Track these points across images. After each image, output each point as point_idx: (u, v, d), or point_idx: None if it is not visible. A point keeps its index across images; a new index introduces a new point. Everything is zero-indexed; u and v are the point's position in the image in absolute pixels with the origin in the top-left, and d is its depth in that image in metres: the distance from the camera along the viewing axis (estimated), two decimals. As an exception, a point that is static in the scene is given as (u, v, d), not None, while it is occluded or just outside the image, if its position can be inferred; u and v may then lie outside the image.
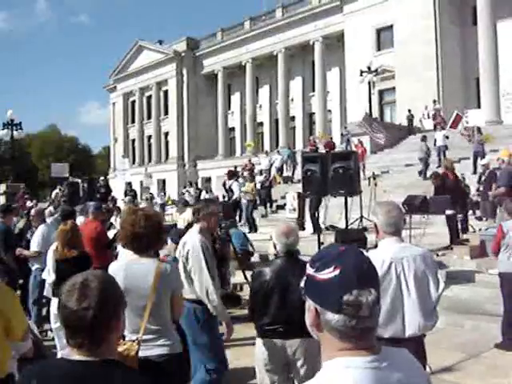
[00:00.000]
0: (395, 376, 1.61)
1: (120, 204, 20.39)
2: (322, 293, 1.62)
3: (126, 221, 4.24)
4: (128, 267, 4.07)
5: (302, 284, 1.70)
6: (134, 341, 3.54)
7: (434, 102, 34.26)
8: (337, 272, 1.59)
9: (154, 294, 3.90)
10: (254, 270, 4.75)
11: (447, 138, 25.32)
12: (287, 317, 4.36)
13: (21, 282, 9.88)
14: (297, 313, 4.35)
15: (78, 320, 1.94)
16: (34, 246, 9.14)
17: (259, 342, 4.60)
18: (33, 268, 9.24)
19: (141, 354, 3.60)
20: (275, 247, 4.65)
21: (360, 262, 1.64)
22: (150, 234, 4.08)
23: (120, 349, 3.46)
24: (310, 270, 1.67)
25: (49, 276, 7.11)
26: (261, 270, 4.63)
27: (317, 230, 16.49)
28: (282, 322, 4.41)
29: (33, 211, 10.10)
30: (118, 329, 2.09)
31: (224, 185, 24.34)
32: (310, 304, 1.67)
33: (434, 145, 25.71)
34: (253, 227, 19.54)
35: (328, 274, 1.60)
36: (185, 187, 29.89)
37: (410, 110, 34.51)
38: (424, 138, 24.90)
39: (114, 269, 4.08)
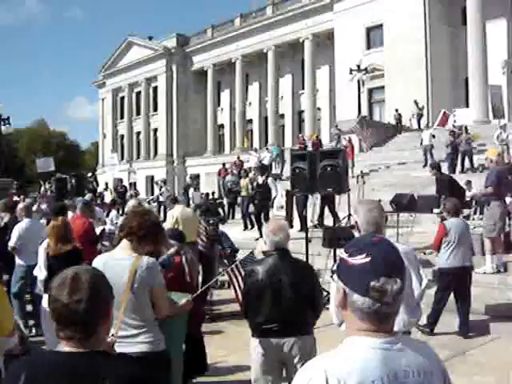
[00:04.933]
0: (404, 359, 1.73)
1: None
2: (352, 276, 1.76)
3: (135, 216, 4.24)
4: (106, 263, 4.02)
5: (335, 267, 1.85)
6: (110, 336, 3.52)
7: (416, 103, 34.22)
8: (368, 259, 1.74)
9: (129, 290, 3.85)
10: (246, 269, 4.73)
11: (434, 137, 25.41)
12: (281, 315, 4.37)
13: (6, 277, 9.79)
14: (291, 310, 4.37)
15: (69, 313, 1.96)
16: (12, 241, 9.03)
17: (254, 341, 4.54)
18: (16, 264, 9.08)
19: (120, 350, 3.57)
20: (266, 244, 4.66)
21: (390, 253, 1.79)
22: (148, 231, 4.08)
23: None
24: (343, 255, 1.81)
25: (40, 272, 7.03)
26: (253, 269, 4.60)
27: (304, 228, 16.54)
28: (276, 321, 4.39)
29: (20, 205, 9.93)
30: (108, 321, 2.11)
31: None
32: (339, 285, 1.80)
33: (421, 144, 25.85)
34: (249, 224, 19.40)
35: (360, 259, 1.75)
36: (161, 187, 27.52)
37: (397, 110, 34.56)
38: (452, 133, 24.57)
39: (95, 264, 4.04)
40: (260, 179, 17.33)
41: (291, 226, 16.67)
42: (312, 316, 4.59)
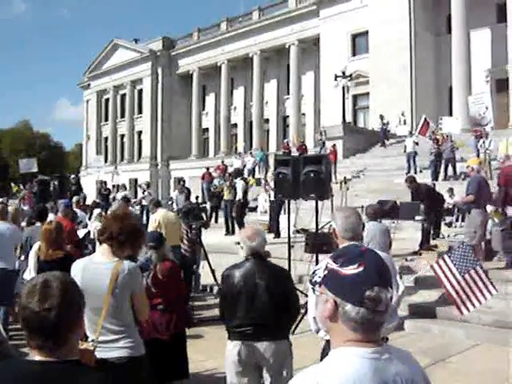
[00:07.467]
0: (393, 368, 1.73)
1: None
2: (345, 287, 1.74)
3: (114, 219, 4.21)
4: (86, 268, 4.02)
5: (317, 278, 1.84)
6: (91, 341, 3.49)
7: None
8: (361, 269, 1.73)
9: (111, 295, 3.83)
10: (223, 273, 4.77)
11: (417, 144, 25.62)
12: (256, 318, 4.42)
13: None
14: (265, 314, 4.42)
15: (39, 321, 1.90)
16: None
17: (229, 344, 4.59)
18: None
19: (100, 355, 3.53)
20: (242, 249, 4.71)
21: (380, 262, 1.79)
22: (128, 236, 4.06)
23: None
24: (333, 265, 1.79)
25: (30, 276, 6.98)
26: (229, 273, 4.64)
27: (276, 234, 16.63)
28: (250, 324, 4.44)
29: None
30: (80, 328, 2.06)
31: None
32: (328, 296, 1.77)
33: (404, 151, 26.06)
34: (230, 229, 19.35)
35: (353, 269, 1.74)
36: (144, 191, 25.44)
37: (382, 117, 34.58)
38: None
39: (74, 269, 4.05)
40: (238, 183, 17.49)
41: (277, 233, 16.68)
42: (287, 321, 4.65)
